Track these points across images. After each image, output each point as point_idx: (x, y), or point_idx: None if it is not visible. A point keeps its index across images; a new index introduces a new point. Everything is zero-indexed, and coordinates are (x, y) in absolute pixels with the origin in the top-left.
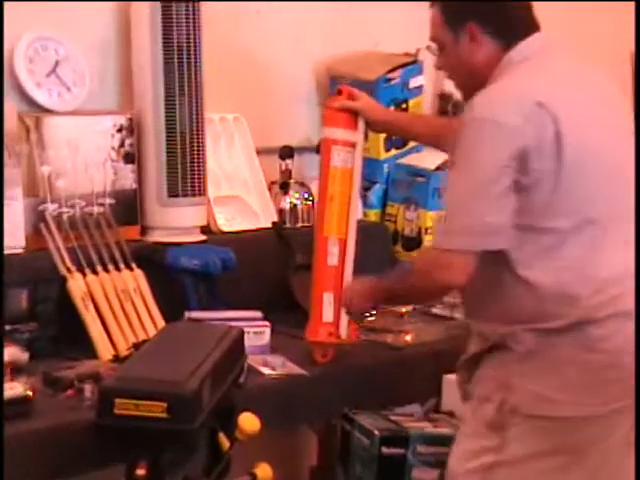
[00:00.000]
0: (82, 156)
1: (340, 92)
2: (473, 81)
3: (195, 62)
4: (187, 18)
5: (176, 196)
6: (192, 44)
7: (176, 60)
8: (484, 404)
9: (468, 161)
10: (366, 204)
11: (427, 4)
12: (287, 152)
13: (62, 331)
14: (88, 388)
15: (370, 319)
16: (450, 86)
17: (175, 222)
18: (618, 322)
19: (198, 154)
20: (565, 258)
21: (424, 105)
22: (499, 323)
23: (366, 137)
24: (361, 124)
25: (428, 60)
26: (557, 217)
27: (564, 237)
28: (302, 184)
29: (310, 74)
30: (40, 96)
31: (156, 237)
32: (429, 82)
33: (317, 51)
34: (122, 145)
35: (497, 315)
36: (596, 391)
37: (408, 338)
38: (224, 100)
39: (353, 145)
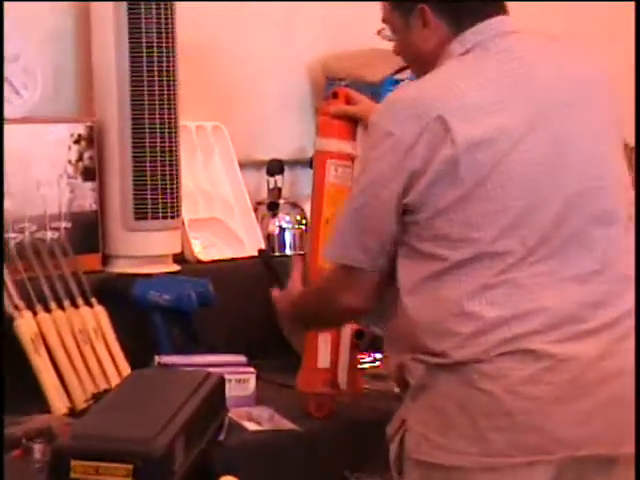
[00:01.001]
0: (33, 171)
1: (336, 95)
2: (427, 71)
3: (167, 62)
4: (158, 14)
5: (144, 219)
6: (164, 41)
7: (145, 60)
8: (390, 445)
9: (361, 169)
10: None
11: None
12: (276, 167)
13: (8, 379)
14: (38, 448)
15: (374, 364)
16: None
17: (143, 250)
18: (515, 361)
19: (171, 169)
20: (448, 289)
21: None
22: (394, 352)
23: None
24: (361, 134)
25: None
26: (447, 245)
27: (451, 267)
28: (294, 205)
29: (303, 75)
30: None
31: (120, 267)
32: None
33: (311, 48)
34: (80, 158)
35: (392, 343)
36: (475, 438)
37: None
38: (201, 106)
39: (352, 159)
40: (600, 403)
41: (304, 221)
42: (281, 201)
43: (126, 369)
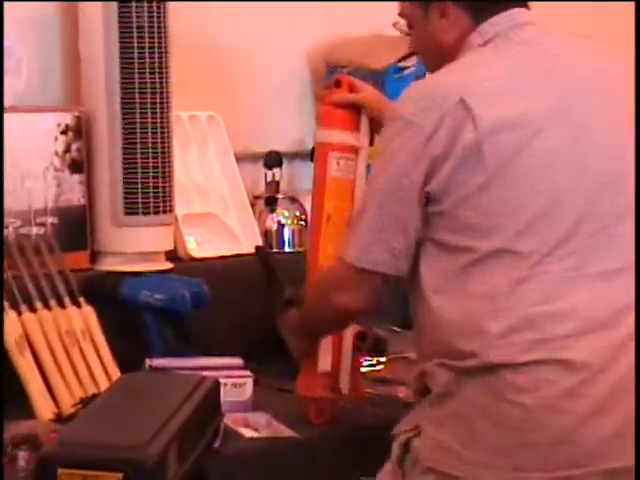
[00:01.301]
0: (17, 164)
1: (338, 83)
2: (444, 66)
3: (159, 48)
4: None
5: (135, 214)
6: (156, 26)
7: (136, 45)
8: (393, 443)
9: (380, 162)
10: None
11: None
12: (274, 159)
13: None
14: (23, 455)
15: (378, 368)
16: None
17: (134, 246)
18: (548, 371)
19: (163, 162)
20: (476, 284)
21: None
22: (419, 359)
23: (371, 141)
24: (364, 124)
25: None
26: (473, 235)
27: (480, 259)
28: (293, 199)
29: (302, 62)
30: None
31: (110, 265)
32: None
33: (311, 34)
34: (68, 150)
35: (417, 349)
36: (505, 452)
37: None
38: (195, 95)
39: (355, 150)
40: (631, 415)
41: (304, 217)
42: (279, 196)
43: (116, 373)
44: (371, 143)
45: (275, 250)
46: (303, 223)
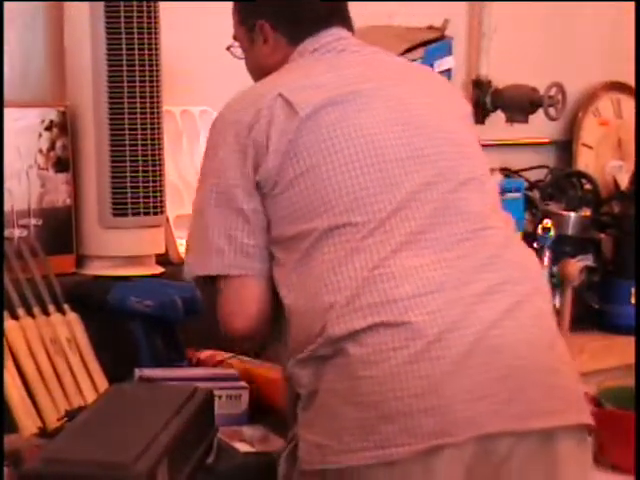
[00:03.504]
0: None
1: None
2: None
3: (149, 39)
4: None
5: (124, 215)
6: (145, 15)
7: (124, 36)
8: (279, 462)
9: (208, 164)
10: None
11: None
12: None
13: None
14: (4, 472)
15: None
16: (489, 70)
17: (122, 250)
18: (392, 337)
19: (153, 160)
20: (318, 265)
21: None
22: (284, 364)
23: None
24: None
25: (459, 36)
26: (308, 217)
27: (317, 240)
28: None
29: None
30: None
31: (97, 270)
32: (460, 64)
33: None
34: (52, 148)
35: (280, 357)
36: (367, 430)
37: None
38: (188, 89)
39: None
40: (498, 375)
41: None
42: None
43: (103, 384)
44: None
45: None
46: None
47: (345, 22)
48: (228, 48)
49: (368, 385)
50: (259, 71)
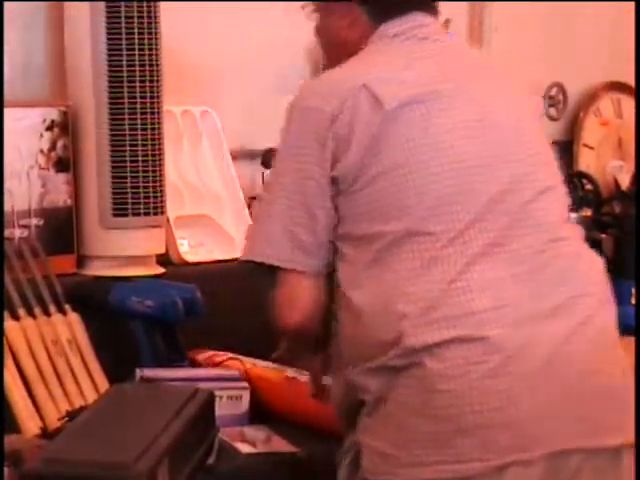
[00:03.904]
0: None
1: None
2: (341, 60)
3: (149, 39)
4: None
5: (124, 215)
6: (145, 16)
7: (124, 37)
8: (338, 470)
9: (283, 152)
10: None
11: None
12: (272, 158)
13: None
14: (5, 472)
15: None
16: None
17: (123, 250)
18: (469, 352)
19: (154, 160)
20: (392, 271)
21: None
22: (342, 370)
23: None
24: None
25: (460, 36)
26: (381, 219)
27: (391, 244)
28: None
29: (302, 55)
30: None
31: (97, 270)
32: None
33: (311, 26)
34: (53, 148)
35: (339, 361)
36: (442, 444)
37: None
38: (188, 89)
39: None
40: (572, 393)
41: None
42: None
43: (104, 384)
44: None
45: None
46: None
47: (430, 7)
48: (303, 7)
49: (445, 398)
50: (331, 44)
